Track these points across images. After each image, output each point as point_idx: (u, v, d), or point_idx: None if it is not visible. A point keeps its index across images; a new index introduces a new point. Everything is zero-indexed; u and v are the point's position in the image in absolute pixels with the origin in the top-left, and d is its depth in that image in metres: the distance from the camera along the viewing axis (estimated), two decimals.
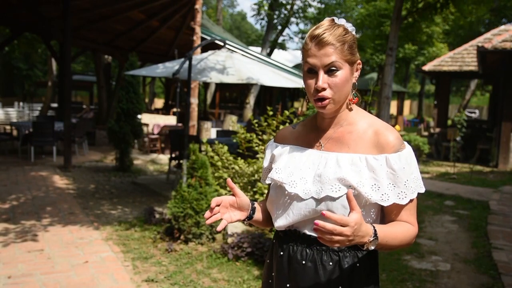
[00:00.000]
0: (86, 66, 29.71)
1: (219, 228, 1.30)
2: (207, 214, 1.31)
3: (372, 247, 1.18)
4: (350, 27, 1.30)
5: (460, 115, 9.45)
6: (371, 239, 1.15)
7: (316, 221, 1.08)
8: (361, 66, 1.33)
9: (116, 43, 13.15)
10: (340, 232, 1.08)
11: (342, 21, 1.29)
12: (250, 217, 1.42)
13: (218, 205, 1.33)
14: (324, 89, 1.24)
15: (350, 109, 1.35)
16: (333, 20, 1.29)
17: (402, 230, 1.26)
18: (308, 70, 1.27)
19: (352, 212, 1.10)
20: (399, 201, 1.25)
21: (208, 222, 1.31)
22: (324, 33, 1.23)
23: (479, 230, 5.24)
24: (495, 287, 3.64)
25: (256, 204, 1.46)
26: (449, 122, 17.72)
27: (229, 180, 1.35)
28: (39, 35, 12.73)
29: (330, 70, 1.24)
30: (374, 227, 1.18)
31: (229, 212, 1.36)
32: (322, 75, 1.24)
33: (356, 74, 1.31)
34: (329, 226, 1.07)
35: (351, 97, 1.34)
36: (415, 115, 32.01)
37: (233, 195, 1.37)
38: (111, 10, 10.46)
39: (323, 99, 1.25)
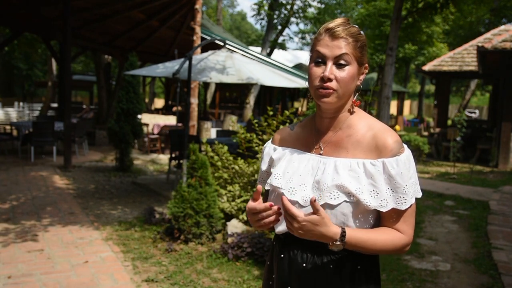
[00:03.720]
0: (86, 66, 29.70)
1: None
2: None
3: (335, 249, 1.22)
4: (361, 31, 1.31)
5: (460, 115, 9.45)
6: (336, 242, 1.20)
7: (284, 197, 1.21)
8: (367, 70, 1.33)
9: (116, 43, 13.15)
10: (289, 220, 1.20)
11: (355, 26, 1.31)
12: None
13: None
14: (330, 80, 1.23)
15: (352, 112, 1.33)
16: (348, 19, 1.30)
17: (385, 237, 1.24)
18: (316, 60, 1.26)
19: (312, 213, 1.18)
20: (398, 207, 1.23)
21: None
22: (339, 27, 1.25)
23: (479, 230, 5.24)
24: (495, 287, 3.64)
25: None
26: (449, 122, 17.72)
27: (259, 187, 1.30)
28: (39, 35, 12.73)
29: (339, 64, 1.24)
30: (344, 231, 1.20)
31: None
32: (330, 66, 1.24)
33: (362, 77, 1.31)
34: (280, 207, 1.23)
35: (354, 99, 1.32)
36: (415, 115, 32.02)
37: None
38: (111, 10, 10.46)
39: (327, 88, 1.24)
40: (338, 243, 1.19)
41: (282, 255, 1.35)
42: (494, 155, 10.72)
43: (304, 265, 1.29)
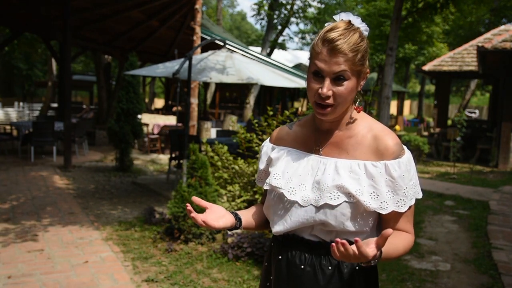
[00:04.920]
0: (86, 66, 29.71)
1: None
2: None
3: (374, 262, 1.16)
4: (363, 26, 1.24)
5: (460, 115, 9.45)
6: (376, 260, 1.13)
7: (339, 240, 1.06)
8: (368, 74, 1.29)
9: (116, 43, 13.15)
10: (354, 258, 1.08)
11: (358, 22, 1.23)
12: (237, 227, 1.41)
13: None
14: (328, 97, 1.20)
15: (351, 116, 1.30)
16: (349, 22, 1.22)
17: (402, 242, 1.24)
18: (314, 72, 1.22)
19: (371, 248, 1.09)
20: (398, 209, 1.22)
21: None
22: (339, 39, 1.17)
23: (479, 230, 5.24)
24: (495, 287, 3.64)
25: (240, 214, 1.43)
26: (449, 122, 17.72)
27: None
28: (39, 35, 12.73)
29: (338, 78, 1.19)
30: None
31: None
32: (328, 83, 1.19)
33: (363, 82, 1.27)
34: (350, 251, 1.06)
35: (356, 105, 1.30)
36: (415, 115, 32.01)
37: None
38: (111, 10, 10.46)
39: (325, 106, 1.22)
40: (377, 259, 1.14)
41: (280, 257, 1.34)
42: (494, 155, 10.73)
43: (303, 266, 1.28)
